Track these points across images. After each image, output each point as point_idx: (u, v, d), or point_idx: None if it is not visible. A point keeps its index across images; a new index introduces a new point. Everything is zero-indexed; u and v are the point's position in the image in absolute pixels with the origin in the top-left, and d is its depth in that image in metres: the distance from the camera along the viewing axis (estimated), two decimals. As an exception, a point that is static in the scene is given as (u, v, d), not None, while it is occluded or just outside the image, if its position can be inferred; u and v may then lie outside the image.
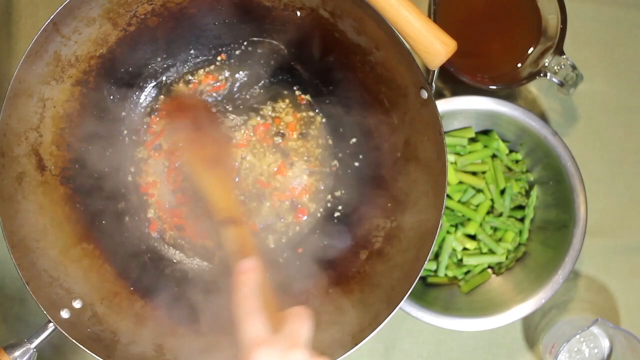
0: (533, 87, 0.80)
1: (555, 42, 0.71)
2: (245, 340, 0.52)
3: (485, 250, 0.76)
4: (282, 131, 0.74)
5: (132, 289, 0.68)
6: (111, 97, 0.71)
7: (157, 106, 0.74)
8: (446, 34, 0.59)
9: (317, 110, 0.75)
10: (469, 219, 0.75)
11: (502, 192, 0.76)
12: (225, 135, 0.74)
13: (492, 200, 0.76)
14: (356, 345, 0.61)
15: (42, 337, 0.60)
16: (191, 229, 0.73)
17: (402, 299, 0.61)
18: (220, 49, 0.74)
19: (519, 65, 0.75)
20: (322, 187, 0.75)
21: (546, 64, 0.71)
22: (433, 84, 0.62)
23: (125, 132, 0.73)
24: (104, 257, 0.68)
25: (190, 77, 0.74)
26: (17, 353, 0.59)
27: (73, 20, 0.62)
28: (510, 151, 0.77)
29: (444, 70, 0.69)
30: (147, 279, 0.69)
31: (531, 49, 0.74)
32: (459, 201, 0.76)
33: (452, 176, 0.75)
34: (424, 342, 0.78)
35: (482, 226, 0.76)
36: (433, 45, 0.58)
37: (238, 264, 0.56)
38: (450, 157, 0.76)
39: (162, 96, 0.74)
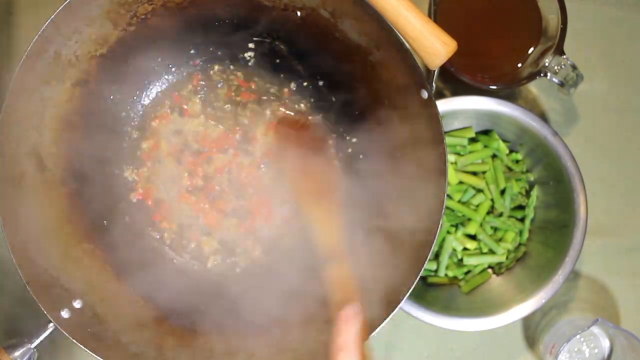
0: (533, 87, 0.80)
1: (555, 42, 0.71)
2: None
3: (485, 250, 0.76)
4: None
5: (132, 288, 0.68)
6: (111, 97, 0.71)
7: (156, 107, 0.74)
8: (446, 34, 0.59)
9: (317, 110, 0.75)
10: (469, 219, 0.75)
11: (503, 192, 0.76)
12: (332, 164, 0.72)
13: (492, 200, 0.76)
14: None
15: (42, 337, 0.60)
16: (191, 229, 0.73)
17: (402, 299, 0.61)
18: (220, 49, 0.74)
19: (519, 65, 0.75)
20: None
21: (546, 64, 0.71)
22: (433, 84, 0.62)
23: (126, 132, 0.73)
24: (104, 257, 0.68)
25: (189, 78, 0.74)
26: (17, 353, 0.59)
27: (73, 20, 0.62)
28: (511, 151, 0.77)
29: (444, 70, 0.69)
30: (148, 278, 0.69)
31: (531, 49, 0.74)
32: (459, 201, 0.76)
33: (452, 176, 0.75)
34: (424, 342, 0.78)
35: (483, 226, 0.76)
36: (433, 45, 0.58)
37: (342, 309, 0.55)
38: (451, 157, 0.75)
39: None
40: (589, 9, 0.80)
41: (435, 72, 0.61)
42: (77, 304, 0.63)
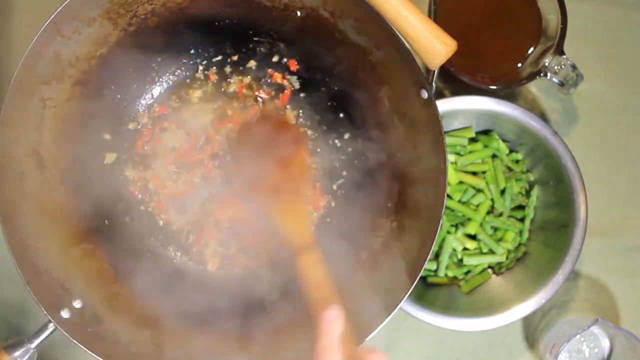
0: (533, 87, 0.80)
1: (555, 42, 0.71)
2: None
3: (485, 250, 0.76)
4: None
5: (132, 289, 0.68)
6: (111, 97, 0.71)
7: (156, 107, 0.74)
8: (446, 34, 0.59)
9: (315, 110, 0.75)
10: (469, 219, 0.75)
11: (503, 192, 0.76)
12: (301, 155, 0.72)
13: (492, 200, 0.76)
14: (356, 345, 0.61)
15: (42, 337, 0.60)
16: (191, 230, 0.73)
17: (402, 299, 0.61)
18: (220, 49, 0.74)
19: (519, 65, 0.75)
20: (322, 188, 0.75)
21: (546, 64, 0.71)
22: (433, 84, 0.62)
23: (126, 132, 0.73)
24: (104, 257, 0.68)
25: (190, 78, 0.74)
26: (17, 353, 0.59)
27: (73, 20, 0.62)
28: (511, 151, 0.77)
29: (444, 70, 0.69)
30: (148, 278, 0.69)
31: (531, 49, 0.74)
32: (459, 201, 0.76)
33: (452, 176, 0.75)
34: (424, 342, 0.78)
35: (483, 226, 0.76)
36: (433, 45, 0.58)
37: (322, 309, 0.55)
38: (451, 157, 0.76)
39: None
40: (589, 9, 0.80)
41: (435, 72, 0.61)
42: (77, 304, 0.63)
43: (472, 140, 0.76)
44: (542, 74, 0.71)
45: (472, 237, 0.76)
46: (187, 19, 0.70)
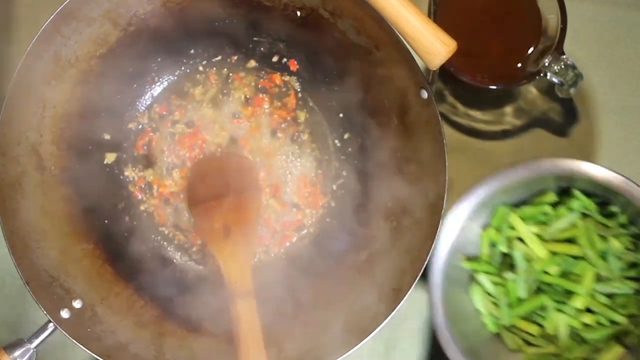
0: (533, 87, 0.80)
1: (555, 42, 0.71)
2: None
3: (604, 321, 0.67)
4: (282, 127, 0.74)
5: (132, 289, 0.68)
6: (111, 97, 0.71)
7: (156, 107, 0.74)
8: (446, 34, 0.59)
9: (315, 110, 0.75)
10: (573, 292, 0.66)
11: (604, 254, 0.67)
12: (257, 201, 0.71)
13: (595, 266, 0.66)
14: (356, 345, 0.61)
15: (42, 337, 0.60)
16: (191, 230, 0.73)
17: (402, 299, 0.61)
18: (220, 49, 0.74)
19: (519, 65, 0.74)
20: (322, 188, 0.75)
21: (546, 64, 0.71)
22: (433, 84, 0.62)
23: (126, 132, 0.73)
24: (104, 257, 0.68)
25: (189, 78, 0.74)
26: (17, 353, 0.59)
27: (73, 20, 0.62)
28: (602, 204, 0.68)
29: (444, 70, 0.69)
30: (148, 278, 0.69)
31: (531, 49, 0.74)
32: (561, 274, 0.67)
33: (540, 249, 0.67)
34: (425, 342, 0.78)
35: (594, 297, 0.67)
36: (433, 45, 0.58)
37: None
38: (534, 229, 0.68)
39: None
40: (589, 9, 0.80)
41: (435, 72, 0.61)
42: (77, 304, 0.63)
43: (554, 205, 0.68)
44: (542, 74, 0.71)
45: (588, 311, 0.67)
46: (187, 19, 0.70)
